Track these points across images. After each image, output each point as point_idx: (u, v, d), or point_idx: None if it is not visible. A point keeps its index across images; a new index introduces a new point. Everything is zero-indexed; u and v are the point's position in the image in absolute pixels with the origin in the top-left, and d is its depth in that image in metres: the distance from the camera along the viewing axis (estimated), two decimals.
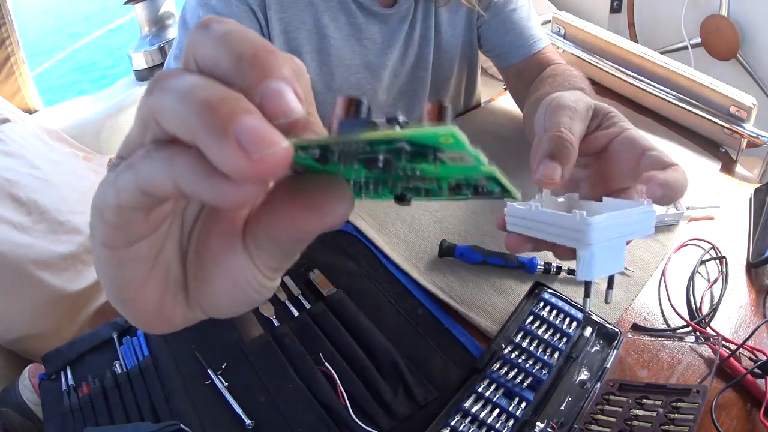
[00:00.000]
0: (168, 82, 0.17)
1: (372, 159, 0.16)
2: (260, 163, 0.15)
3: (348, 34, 0.76)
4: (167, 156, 0.16)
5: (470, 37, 0.88)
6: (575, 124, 0.43)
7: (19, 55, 1.44)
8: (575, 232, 0.35)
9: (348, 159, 0.17)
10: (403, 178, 0.19)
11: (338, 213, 0.18)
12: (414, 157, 0.16)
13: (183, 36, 0.70)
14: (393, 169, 0.17)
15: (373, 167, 0.16)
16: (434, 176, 0.18)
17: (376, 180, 0.19)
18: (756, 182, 0.84)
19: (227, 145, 0.15)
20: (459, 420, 0.51)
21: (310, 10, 0.73)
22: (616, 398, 0.53)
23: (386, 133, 0.15)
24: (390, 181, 0.19)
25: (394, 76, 0.83)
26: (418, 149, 0.16)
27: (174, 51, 0.71)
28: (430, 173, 0.18)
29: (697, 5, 1.67)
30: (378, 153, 0.16)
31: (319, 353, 0.58)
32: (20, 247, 0.97)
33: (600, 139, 0.45)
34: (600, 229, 0.34)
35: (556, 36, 1.08)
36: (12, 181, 1.05)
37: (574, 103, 0.45)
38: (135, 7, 1.72)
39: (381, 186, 0.20)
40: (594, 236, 0.34)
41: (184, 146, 0.16)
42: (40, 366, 0.64)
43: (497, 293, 0.65)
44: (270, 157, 0.15)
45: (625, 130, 0.45)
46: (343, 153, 0.17)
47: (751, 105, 0.83)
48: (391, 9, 0.77)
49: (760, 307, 0.64)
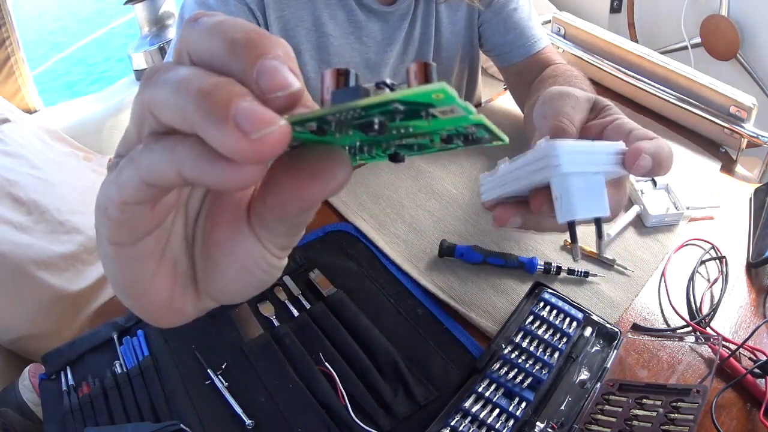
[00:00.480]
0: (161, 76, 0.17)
1: (368, 123, 0.17)
2: (260, 143, 0.15)
3: (347, 31, 0.76)
4: (168, 146, 0.17)
5: (471, 36, 0.88)
6: (576, 113, 0.44)
7: (19, 55, 1.44)
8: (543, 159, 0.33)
9: (344, 127, 0.18)
10: (396, 137, 0.20)
11: (339, 178, 0.19)
12: (407, 116, 0.17)
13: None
14: (387, 130, 0.18)
15: (369, 131, 0.17)
16: (427, 131, 0.19)
17: (370, 143, 0.20)
18: (756, 182, 0.84)
19: (227, 129, 0.15)
20: (459, 420, 0.51)
21: (309, 8, 0.73)
22: (616, 398, 0.53)
23: (381, 97, 0.16)
24: (383, 142, 0.20)
25: (394, 74, 0.83)
26: (412, 108, 0.17)
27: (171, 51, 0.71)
28: (422, 129, 0.19)
29: (697, 5, 1.67)
30: (373, 117, 0.17)
31: (319, 353, 0.58)
32: (20, 247, 0.97)
33: (595, 127, 0.46)
34: (568, 151, 0.32)
35: (556, 36, 1.08)
36: (12, 181, 1.05)
37: (576, 92, 0.45)
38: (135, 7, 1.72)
39: (374, 148, 0.21)
40: (563, 157, 0.32)
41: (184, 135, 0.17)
42: (40, 366, 0.64)
43: (497, 293, 0.65)
44: (269, 136, 0.15)
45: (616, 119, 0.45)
46: (340, 122, 0.17)
47: (751, 105, 0.83)
48: (391, 7, 0.77)
49: (760, 307, 0.64)
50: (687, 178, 0.80)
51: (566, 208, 0.33)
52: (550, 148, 0.32)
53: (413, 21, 0.80)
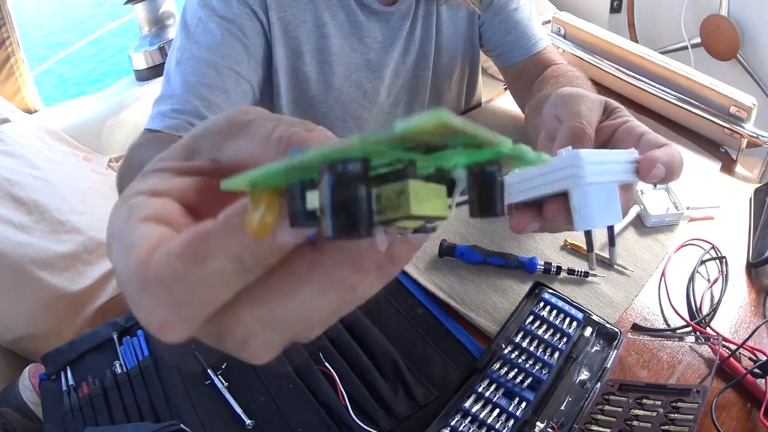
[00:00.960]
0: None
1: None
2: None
3: (348, 32, 0.76)
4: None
5: (471, 36, 0.88)
6: (593, 114, 0.44)
7: (19, 55, 1.44)
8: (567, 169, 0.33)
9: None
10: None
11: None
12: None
13: (184, 37, 0.70)
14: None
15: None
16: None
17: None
18: (756, 182, 0.84)
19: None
20: (459, 420, 0.51)
21: (311, 9, 0.73)
22: (617, 398, 0.53)
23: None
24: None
25: (395, 75, 0.83)
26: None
27: (176, 54, 0.69)
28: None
29: (697, 5, 1.67)
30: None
31: (319, 353, 0.58)
32: (20, 247, 0.97)
33: (606, 129, 0.46)
34: (591, 161, 0.33)
35: (556, 36, 1.08)
36: (12, 181, 1.05)
37: (590, 94, 0.46)
38: (135, 7, 1.72)
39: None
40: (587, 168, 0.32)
41: None
42: (40, 366, 0.64)
43: (497, 293, 0.65)
44: None
45: (627, 121, 0.46)
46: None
47: (751, 105, 0.83)
48: (392, 7, 0.77)
49: (760, 307, 0.64)
50: (687, 178, 0.80)
51: (584, 217, 0.34)
52: (575, 158, 0.32)
53: (414, 22, 0.80)
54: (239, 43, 0.66)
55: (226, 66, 0.65)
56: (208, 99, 0.63)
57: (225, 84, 0.64)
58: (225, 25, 0.65)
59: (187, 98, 0.62)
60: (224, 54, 0.65)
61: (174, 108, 0.62)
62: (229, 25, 0.66)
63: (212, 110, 0.63)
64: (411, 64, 0.84)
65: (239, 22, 0.66)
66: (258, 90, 0.72)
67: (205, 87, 0.63)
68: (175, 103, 0.62)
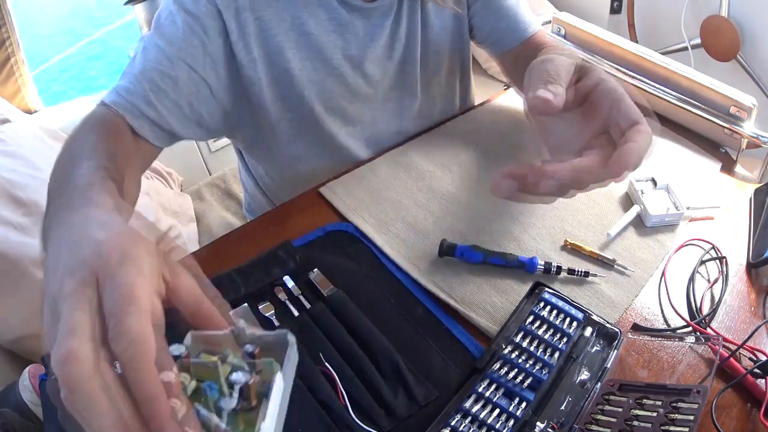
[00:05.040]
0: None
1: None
2: None
3: (329, 29, 0.77)
4: None
5: (460, 32, 0.89)
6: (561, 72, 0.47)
7: (19, 55, 1.44)
8: None
9: None
10: None
11: None
12: None
13: (154, 26, 0.71)
14: None
15: None
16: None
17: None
18: (756, 182, 0.84)
19: None
20: (459, 420, 0.51)
21: (289, 9, 0.73)
22: (617, 398, 0.53)
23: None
24: None
25: (381, 71, 0.84)
26: None
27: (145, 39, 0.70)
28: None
29: (697, 6, 1.67)
30: None
31: (319, 353, 0.58)
32: (20, 247, 0.97)
33: (581, 89, 0.49)
34: None
35: (556, 36, 1.08)
36: (12, 182, 1.05)
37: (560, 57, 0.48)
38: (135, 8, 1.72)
39: None
40: None
41: None
42: (40, 366, 0.64)
43: (497, 293, 0.65)
44: None
45: (602, 81, 0.48)
46: None
47: (751, 105, 0.83)
48: (373, 3, 0.77)
49: (760, 307, 0.64)
50: (687, 178, 0.80)
51: None
52: None
53: (398, 18, 0.81)
54: (197, 39, 0.69)
55: (179, 58, 0.68)
56: (157, 84, 0.67)
57: (176, 74, 0.68)
58: (189, 21, 0.68)
59: (140, 80, 0.66)
60: (181, 47, 0.68)
61: (126, 87, 0.66)
62: (192, 21, 0.68)
63: (159, 95, 0.67)
64: (397, 60, 0.85)
65: (202, 20, 0.69)
66: (224, 90, 0.74)
67: (157, 73, 0.67)
68: (129, 82, 0.67)
